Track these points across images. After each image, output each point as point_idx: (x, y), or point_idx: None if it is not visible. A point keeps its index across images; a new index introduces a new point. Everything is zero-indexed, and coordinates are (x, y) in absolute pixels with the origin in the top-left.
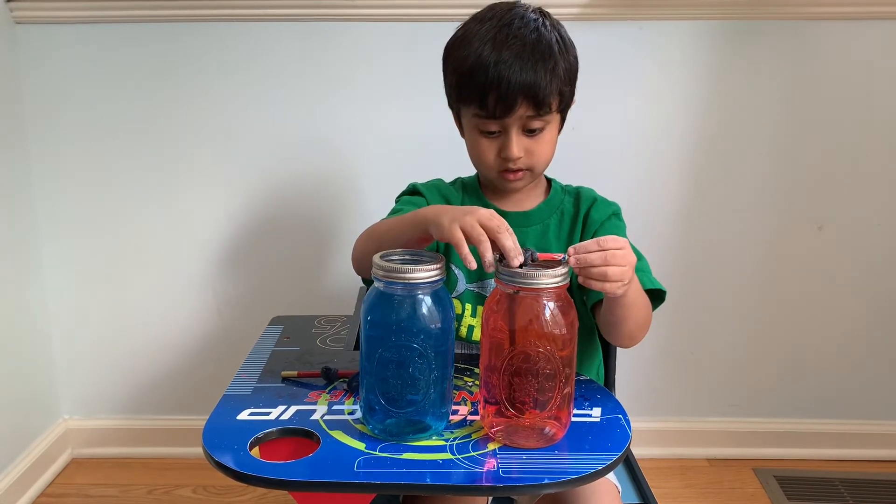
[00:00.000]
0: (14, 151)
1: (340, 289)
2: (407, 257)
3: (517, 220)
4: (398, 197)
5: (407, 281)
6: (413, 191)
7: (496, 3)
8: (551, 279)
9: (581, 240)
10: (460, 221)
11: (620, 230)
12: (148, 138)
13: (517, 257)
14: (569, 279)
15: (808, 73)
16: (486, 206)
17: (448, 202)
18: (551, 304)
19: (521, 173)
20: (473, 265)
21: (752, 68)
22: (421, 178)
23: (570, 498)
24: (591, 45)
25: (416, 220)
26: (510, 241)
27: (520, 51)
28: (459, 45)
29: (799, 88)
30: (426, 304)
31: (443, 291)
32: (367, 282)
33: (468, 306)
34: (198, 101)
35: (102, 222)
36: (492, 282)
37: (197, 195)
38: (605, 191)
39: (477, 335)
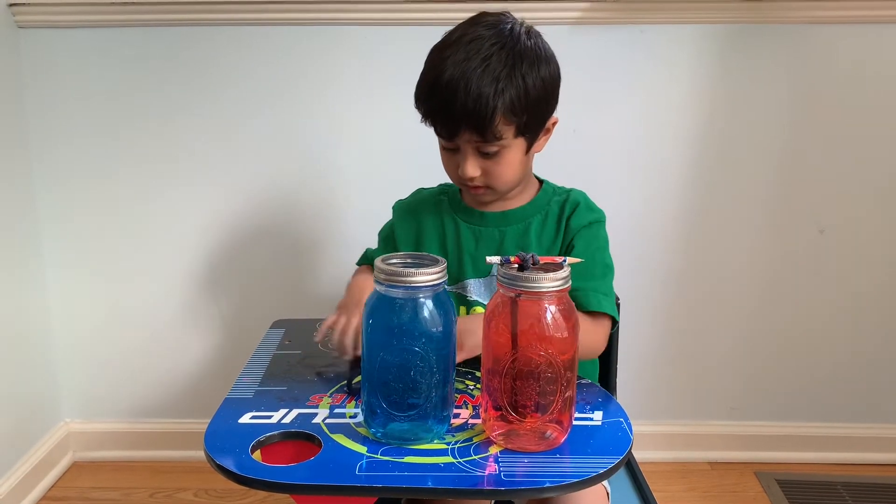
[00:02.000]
0: (15, 154)
1: (342, 292)
2: (408, 261)
3: (495, 220)
4: (381, 231)
5: (408, 284)
6: (390, 228)
7: (474, 17)
8: (553, 283)
9: (562, 244)
10: (342, 309)
11: (598, 239)
12: (149, 141)
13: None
14: (570, 283)
15: (811, 77)
16: (465, 210)
17: (419, 221)
18: (553, 308)
19: (482, 189)
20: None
21: (754, 72)
22: (421, 182)
23: (558, 500)
24: (592, 48)
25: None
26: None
27: (470, 73)
28: (430, 58)
29: (801, 92)
30: (427, 307)
31: (444, 295)
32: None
33: None
34: (199, 104)
35: (104, 226)
36: (470, 282)
37: (198, 198)
38: (605, 194)
39: None
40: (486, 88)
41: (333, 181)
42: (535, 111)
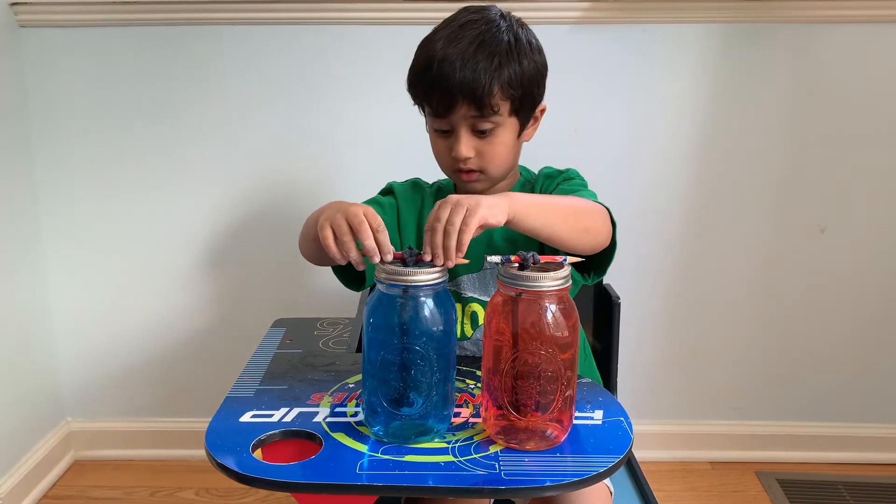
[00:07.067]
0: (17, 154)
1: (343, 291)
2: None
3: None
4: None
5: (409, 283)
6: (388, 190)
7: (459, 11)
8: (553, 282)
9: None
10: (331, 220)
11: (573, 184)
12: (150, 141)
13: (375, 255)
14: (570, 282)
15: (812, 76)
16: None
17: (421, 204)
18: (553, 307)
19: (474, 174)
20: (339, 261)
21: (755, 71)
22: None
23: (562, 499)
24: (593, 48)
25: (316, 219)
26: (369, 240)
27: (465, 49)
28: (420, 46)
29: (803, 91)
30: (428, 306)
31: (445, 294)
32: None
33: None
34: (200, 104)
35: (105, 225)
36: (464, 278)
37: (199, 197)
38: (606, 193)
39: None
40: (484, 62)
41: (334, 180)
42: (528, 90)
